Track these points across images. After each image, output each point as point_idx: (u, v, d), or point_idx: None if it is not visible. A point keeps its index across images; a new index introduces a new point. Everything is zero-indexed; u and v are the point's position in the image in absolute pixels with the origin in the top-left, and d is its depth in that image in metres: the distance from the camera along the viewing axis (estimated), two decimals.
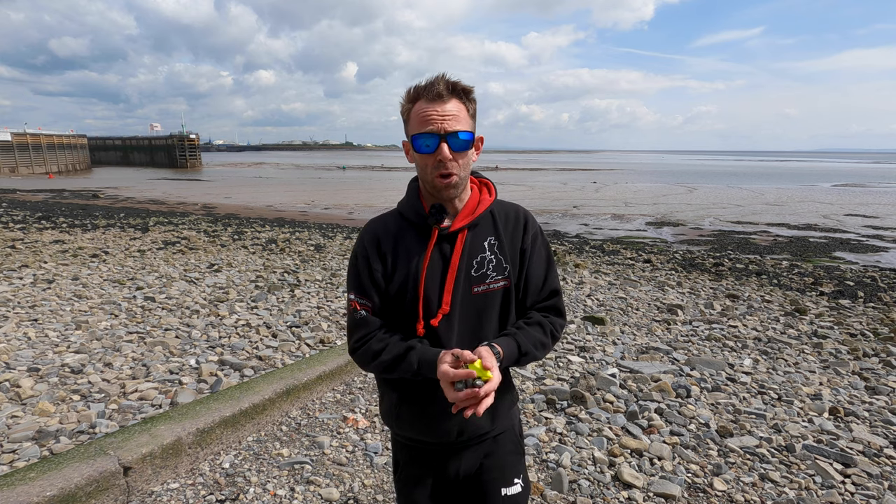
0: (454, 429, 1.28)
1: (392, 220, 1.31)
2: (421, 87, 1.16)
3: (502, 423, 1.36)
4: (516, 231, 1.30)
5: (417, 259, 1.23)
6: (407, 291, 1.24)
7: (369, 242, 1.28)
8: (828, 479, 2.69)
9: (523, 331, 1.25)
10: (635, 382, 3.88)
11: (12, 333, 4.30)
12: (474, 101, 1.21)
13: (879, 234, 15.30)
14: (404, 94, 1.20)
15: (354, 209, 21.20)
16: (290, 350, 4.29)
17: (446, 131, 1.14)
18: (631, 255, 10.54)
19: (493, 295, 1.26)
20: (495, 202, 1.32)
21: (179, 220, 14.00)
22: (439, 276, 1.23)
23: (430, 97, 1.14)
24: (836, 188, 36.27)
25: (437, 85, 1.13)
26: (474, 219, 1.26)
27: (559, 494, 2.55)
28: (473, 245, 1.25)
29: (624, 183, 40.33)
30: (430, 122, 1.14)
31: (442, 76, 1.16)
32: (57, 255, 7.89)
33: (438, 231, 1.24)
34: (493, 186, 1.35)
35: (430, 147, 1.15)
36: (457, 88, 1.16)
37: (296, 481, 2.60)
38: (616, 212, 21.11)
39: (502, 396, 1.31)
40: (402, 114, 1.21)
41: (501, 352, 1.16)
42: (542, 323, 1.28)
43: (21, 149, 51.63)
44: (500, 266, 1.26)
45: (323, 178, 45.61)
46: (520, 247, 1.30)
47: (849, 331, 5.48)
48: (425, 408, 1.27)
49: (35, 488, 2.09)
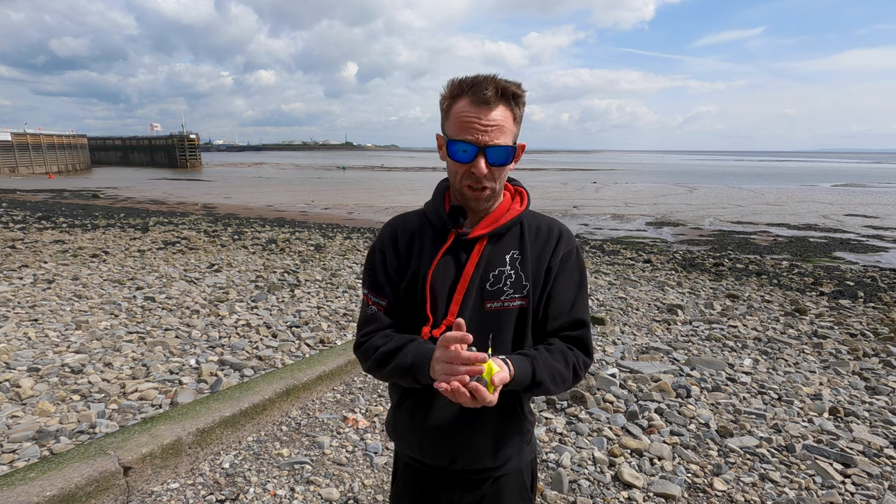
0: (446, 453, 1.17)
1: (415, 218, 1.23)
2: (467, 83, 1.03)
3: (508, 462, 1.21)
4: (546, 247, 1.17)
5: (430, 261, 1.15)
6: (415, 293, 1.16)
7: (387, 238, 1.21)
8: (828, 480, 2.69)
9: (542, 356, 1.08)
10: (635, 382, 3.88)
11: (12, 333, 4.30)
12: (524, 104, 1.08)
13: (879, 234, 15.30)
14: (447, 83, 1.08)
15: (354, 209, 21.20)
16: (290, 350, 4.29)
17: (486, 144, 1.03)
18: (631, 255, 10.54)
19: (506, 314, 1.13)
20: (526, 213, 1.20)
21: (179, 220, 14.00)
22: (450, 284, 1.13)
23: (475, 100, 1.02)
24: (836, 188, 36.27)
25: (486, 89, 1.01)
26: (497, 228, 1.14)
27: (559, 494, 2.55)
28: (493, 257, 1.14)
29: (624, 183, 40.33)
30: (470, 129, 1.03)
31: (493, 78, 1.03)
32: (57, 255, 7.89)
33: (456, 236, 1.14)
34: (527, 195, 1.24)
35: (467, 157, 1.05)
36: (507, 94, 1.03)
37: (296, 481, 2.60)
38: (616, 212, 21.11)
39: (509, 430, 1.18)
40: (441, 104, 1.10)
41: (512, 371, 1.00)
42: (564, 353, 1.12)
43: (21, 149, 51.61)
44: (518, 283, 1.13)
45: (323, 178, 45.62)
46: (546, 264, 1.16)
47: (849, 331, 5.47)
48: (419, 422, 1.18)
49: (35, 488, 2.09)
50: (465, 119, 1.04)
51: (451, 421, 1.15)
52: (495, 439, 1.16)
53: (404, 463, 1.29)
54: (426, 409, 1.16)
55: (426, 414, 1.16)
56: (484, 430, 1.16)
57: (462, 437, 1.16)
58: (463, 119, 1.04)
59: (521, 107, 1.08)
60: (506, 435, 1.18)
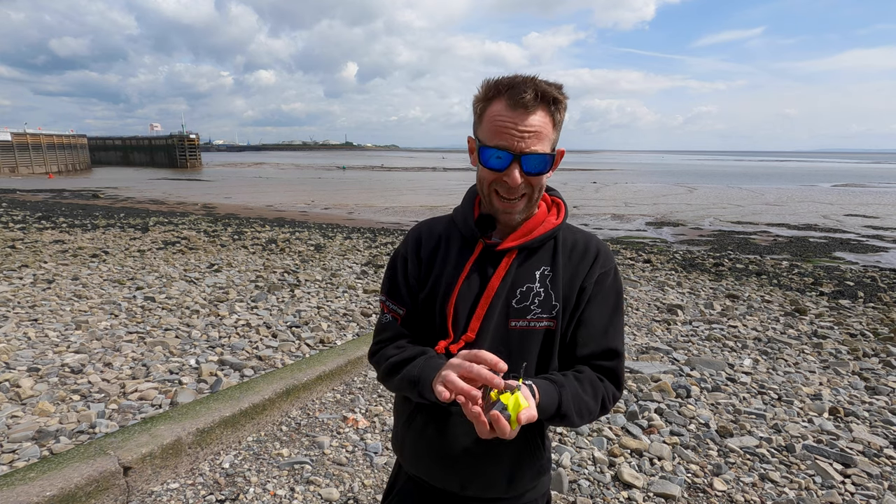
0: (456, 478, 1.10)
1: (442, 223, 1.16)
2: (504, 84, 0.95)
3: (525, 494, 1.13)
4: (581, 266, 1.07)
5: (454, 272, 1.07)
6: (435, 303, 1.08)
7: (411, 244, 1.15)
8: (828, 480, 2.69)
9: (571, 386, 0.99)
10: (635, 382, 3.88)
11: (12, 333, 4.30)
12: (565, 109, 0.99)
13: (879, 234, 15.30)
14: (482, 84, 1.00)
15: (354, 209, 21.20)
16: (290, 350, 4.29)
17: (523, 152, 0.95)
18: (631, 255, 10.54)
19: (532, 334, 1.05)
20: (562, 227, 1.11)
21: (179, 220, 14.00)
22: (473, 297, 1.05)
23: (513, 103, 0.94)
24: (836, 188, 36.28)
25: (526, 92, 0.92)
26: (529, 241, 1.05)
27: (559, 494, 2.55)
28: (522, 272, 1.05)
29: (624, 183, 40.33)
30: (505, 134, 0.95)
31: (532, 79, 0.95)
32: (57, 255, 7.88)
33: (485, 247, 1.07)
34: (564, 207, 1.14)
35: (500, 164, 0.97)
36: (547, 97, 0.95)
37: (296, 481, 2.60)
38: (616, 212, 21.11)
39: (527, 460, 1.10)
40: (475, 107, 1.02)
41: (538, 398, 0.90)
42: (594, 385, 1.03)
43: (21, 149, 51.61)
44: (547, 303, 1.04)
45: (323, 178, 45.61)
46: (580, 284, 1.06)
47: (849, 331, 5.47)
48: (429, 442, 1.10)
49: (35, 488, 2.09)
50: (500, 123, 0.95)
51: (464, 445, 1.07)
52: (511, 469, 1.08)
53: (407, 477, 1.21)
54: (438, 429, 1.09)
55: (438, 435, 1.09)
56: (500, 457, 1.08)
57: (475, 464, 1.08)
58: (498, 123, 0.96)
59: (563, 112, 0.99)
60: (524, 465, 1.10)
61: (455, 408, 1.01)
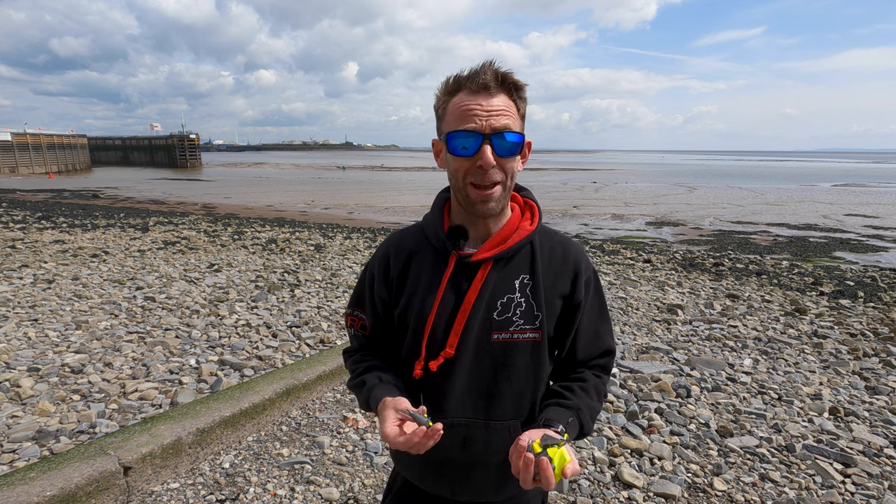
0: (447, 485, 1.10)
1: (412, 237, 1.11)
2: (463, 76, 0.95)
3: (514, 498, 1.13)
4: (561, 274, 1.06)
5: (429, 291, 1.03)
6: (409, 322, 1.06)
7: (379, 263, 1.11)
8: (828, 479, 2.69)
9: (584, 403, 1.04)
10: (635, 382, 3.88)
11: (12, 333, 4.30)
12: (525, 100, 0.99)
13: (879, 234, 15.30)
14: (441, 84, 0.98)
15: (354, 209, 21.20)
16: (290, 350, 4.29)
17: (493, 129, 0.92)
18: (631, 255, 10.54)
19: (516, 347, 1.03)
20: (538, 232, 1.07)
21: (179, 220, 13.99)
22: (449, 312, 1.02)
23: (473, 88, 0.93)
24: (836, 188, 36.27)
25: (484, 74, 0.92)
26: (505, 249, 1.02)
27: (559, 494, 2.55)
28: (500, 282, 1.02)
29: (624, 183, 40.32)
30: (471, 117, 0.92)
31: (490, 64, 0.94)
32: (57, 255, 7.88)
33: (458, 258, 1.02)
34: (538, 210, 1.11)
35: (469, 149, 0.93)
36: (507, 81, 0.94)
37: (296, 481, 2.60)
38: (616, 212, 21.11)
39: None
40: (437, 109, 1.00)
41: (566, 436, 0.92)
42: (598, 387, 1.09)
43: (21, 149, 51.62)
44: (529, 313, 1.02)
45: (323, 178, 45.60)
46: (563, 293, 1.06)
47: (849, 331, 5.47)
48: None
49: (35, 488, 2.09)
50: (465, 107, 0.93)
51: (453, 454, 1.07)
52: (500, 475, 1.07)
53: (404, 480, 1.22)
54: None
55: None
56: (489, 465, 1.08)
57: (465, 472, 1.09)
58: (463, 108, 0.93)
59: (524, 101, 0.99)
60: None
61: (446, 419, 1.02)
